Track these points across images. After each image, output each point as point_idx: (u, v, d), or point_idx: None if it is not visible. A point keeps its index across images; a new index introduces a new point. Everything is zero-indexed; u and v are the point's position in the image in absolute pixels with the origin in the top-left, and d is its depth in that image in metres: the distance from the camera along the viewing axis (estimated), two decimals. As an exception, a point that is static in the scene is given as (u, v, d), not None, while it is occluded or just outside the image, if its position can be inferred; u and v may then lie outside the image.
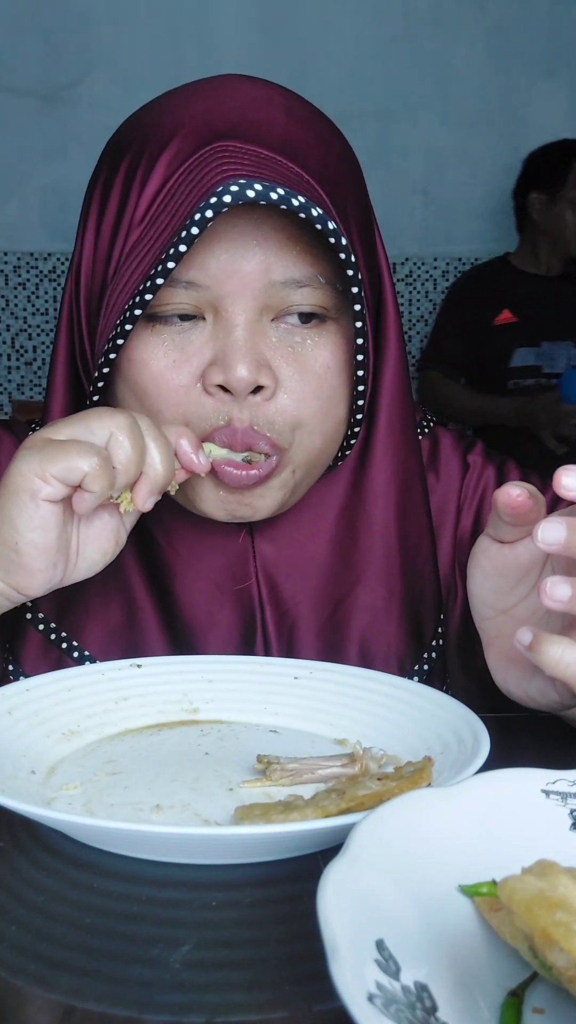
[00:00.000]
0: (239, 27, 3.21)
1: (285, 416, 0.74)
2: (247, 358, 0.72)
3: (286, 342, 0.74)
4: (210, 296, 0.72)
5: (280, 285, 0.72)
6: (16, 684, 0.72)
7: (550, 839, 0.49)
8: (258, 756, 0.66)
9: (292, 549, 0.85)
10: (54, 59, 3.17)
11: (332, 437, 0.79)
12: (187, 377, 0.74)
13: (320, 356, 0.75)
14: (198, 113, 0.75)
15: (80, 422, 0.68)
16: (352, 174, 0.79)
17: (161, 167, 0.73)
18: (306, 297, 0.73)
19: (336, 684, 0.76)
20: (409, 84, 3.27)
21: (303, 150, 0.74)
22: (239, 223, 0.71)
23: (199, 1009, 0.43)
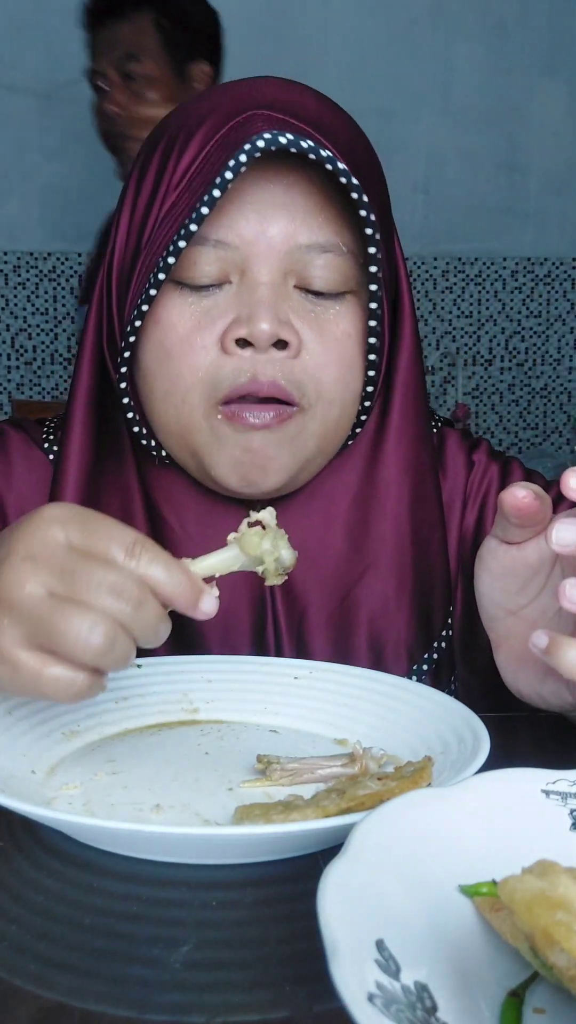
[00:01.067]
0: (239, 25, 3.20)
1: (308, 375, 0.76)
2: (269, 312, 0.73)
3: (308, 308, 0.76)
4: (237, 257, 0.74)
5: (305, 249, 0.75)
6: (16, 684, 0.72)
7: (550, 839, 0.49)
8: (258, 756, 0.66)
9: (304, 535, 0.85)
10: (54, 58, 3.16)
11: (347, 410, 0.80)
12: (211, 338, 0.75)
13: (341, 323, 0.77)
14: (234, 95, 0.77)
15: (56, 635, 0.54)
16: (376, 165, 0.82)
17: (199, 136, 0.75)
18: (328, 264, 0.75)
19: (336, 684, 0.76)
20: (410, 82, 3.27)
21: (333, 130, 0.76)
22: (269, 187, 0.74)
23: (199, 1009, 0.43)
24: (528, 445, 3.47)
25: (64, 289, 3.25)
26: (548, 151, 3.35)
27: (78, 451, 0.83)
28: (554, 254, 3.40)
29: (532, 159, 3.35)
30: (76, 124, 3.21)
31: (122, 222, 0.80)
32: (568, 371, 3.45)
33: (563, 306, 3.42)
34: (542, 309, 3.41)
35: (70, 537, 0.56)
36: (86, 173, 3.21)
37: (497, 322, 3.40)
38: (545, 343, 3.43)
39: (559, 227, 3.39)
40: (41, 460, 0.88)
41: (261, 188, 0.74)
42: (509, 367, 3.43)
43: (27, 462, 0.88)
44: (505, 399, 3.44)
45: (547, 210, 3.38)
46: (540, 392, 3.45)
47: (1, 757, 0.63)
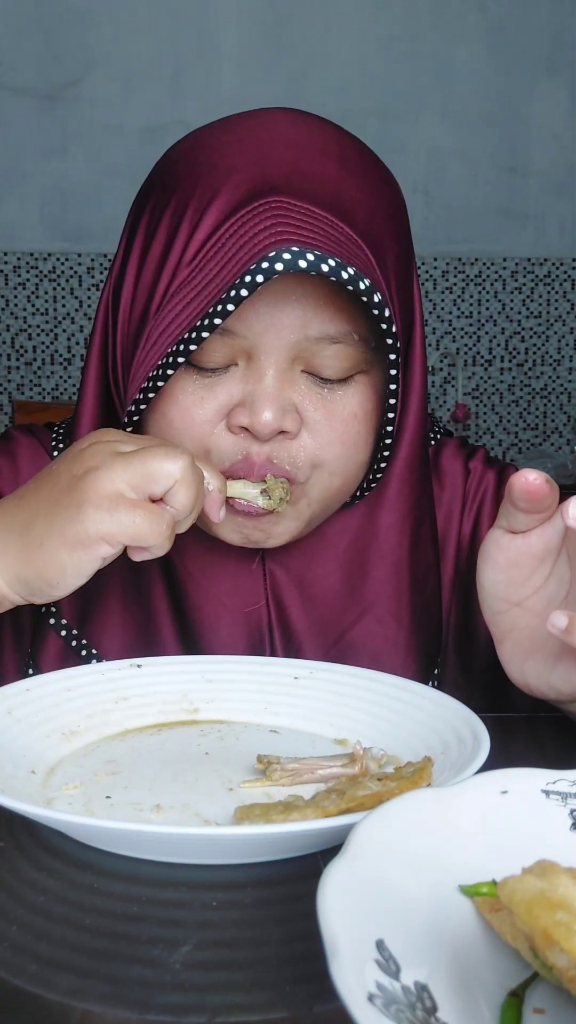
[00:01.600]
0: (239, 26, 3.21)
1: (306, 454, 0.76)
2: (274, 404, 0.73)
3: (315, 390, 0.76)
4: (245, 345, 0.74)
5: (315, 339, 0.74)
6: (16, 684, 0.72)
7: (550, 839, 0.49)
8: (258, 756, 0.66)
9: (303, 576, 0.86)
10: (54, 58, 3.17)
11: (351, 479, 0.80)
12: (213, 413, 0.75)
13: (348, 405, 0.77)
14: (251, 159, 0.75)
15: (142, 466, 0.66)
16: (397, 225, 0.79)
17: (213, 212, 0.73)
18: (338, 353, 0.75)
19: (336, 684, 0.76)
20: (410, 83, 3.27)
21: (352, 208, 0.75)
22: (282, 278, 0.71)
23: (199, 1009, 0.43)
24: (528, 445, 3.47)
25: (64, 289, 3.25)
26: (548, 152, 3.36)
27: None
28: (554, 254, 3.40)
29: (532, 160, 3.35)
30: (76, 124, 3.22)
31: (129, 273, 0.79)
32: (568, 371, 3.45)
33: (563, 306, 3.42)
34: (542, 309, 3.41)
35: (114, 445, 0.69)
36: (86, 173, 3.21)
37: (497, 322, 3.40)
38: (545, 343, 3.43)
39: (559, 228, 3.39)
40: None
41: (273, 279, 0.71)
42: (509, 367, 3.43)
43: (35, 468, 0.88)
44: (505, 399, 3.44)
45: (547, 211, 3.38)
46: (540, 392, 3.45)
47: (1, 757, 0.63)
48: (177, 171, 0.78)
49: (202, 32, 3.19)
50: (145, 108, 3.18)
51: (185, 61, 3.19)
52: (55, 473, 0.69)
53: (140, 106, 3.18)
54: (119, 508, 0.65)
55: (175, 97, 3.17)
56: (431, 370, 3.36)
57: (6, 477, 0.89)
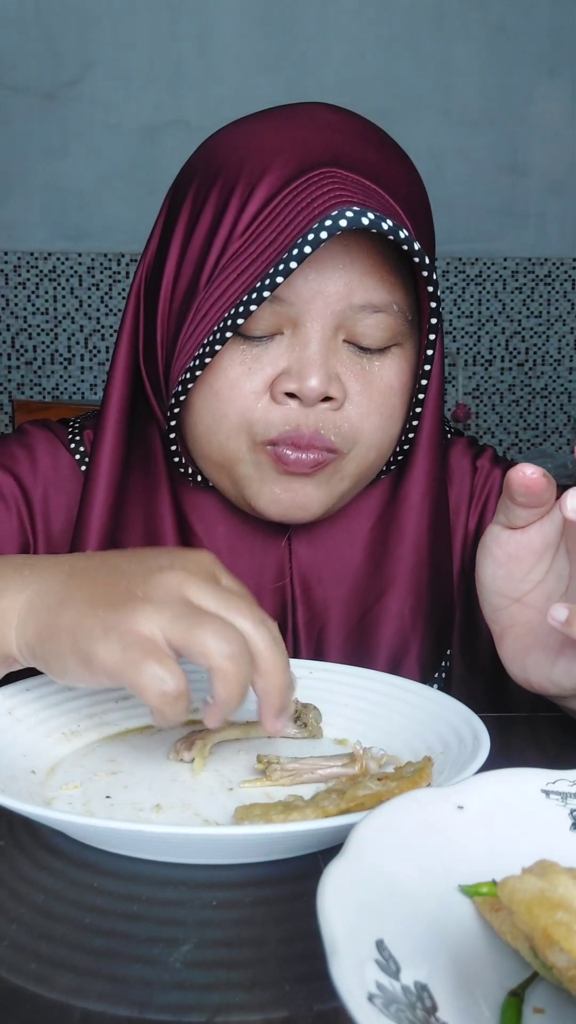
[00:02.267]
0: (240, 25, 3.21)
1: (350, 424, 0.78)
2: (321, 370, 0.75)
3: (355, 360, 0.78)
4: (292, 312, 0.76)
5: (358, 308, 0.76)
6: (16, 684, 0.72)
7: (550, 839, 0.49)
8: (258, 756, 0.66)
9: (327, 554, 0.87)
10: (55, 57, 3.17)
11: (383, 452, 0.82)
12: (259, 384, 0.77)
13: (386, 376, 0.79)
14: (296, 140, 0.77)
15: (187, 629, 0.56)
16: (426, 211, 0.83)
17: (264, 186, 0.75)
18: (379, 323, 0.77)
19: (336, 684, 0.76)
20: (410, 83, 3.27)
21: (394, 184, 0.78)
22: (330, 246, 0.74)
23: (199, 1009, 0.43)
24: (528, 445, 3.47)
25: (64, 289, 3.25)
26: (548, 152, 3.36)
27: (108, 465, 0.85)
28: (554, 254, 3.40)
29: (532, 160, 3.36)
30: (76, 124, 3.22)
31: (172, 251, 0.80)
32: (568, 371, 3.45)
33: (563, 306, 3.42)
34: (542, 309, 3.42)
35: (205, 586, 0.59)
36: (86, 173, 3.21)
37: (497, 322, 3.40)
38: (545, 343, 3.43)
39: (559, 227, 3.39)
40: (67, 459, 0.90)
41: (322, 247, 0.74)
42: (509, 367, 3.43)
43: (53, 459, 0.90)
44: (505, 399, 3.44)
45: (547, 211, 3.39)
46: (540, 392, 3.45)
47: (1, 757, 0.63)
48: (220, 155, 0.80)
49: (202, 32, 3.19)
50: (145, 108, 3.18)
51: (185, 61, 3.20)
52: (120, 562, 0.62)
53: (140, 106, 3.18)
54: (133, 648, 0.56)
55: (175, 97, 3.17)
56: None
57: (24, 465, 0.89)
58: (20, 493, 0.88)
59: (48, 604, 0.61)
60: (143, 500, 0.86)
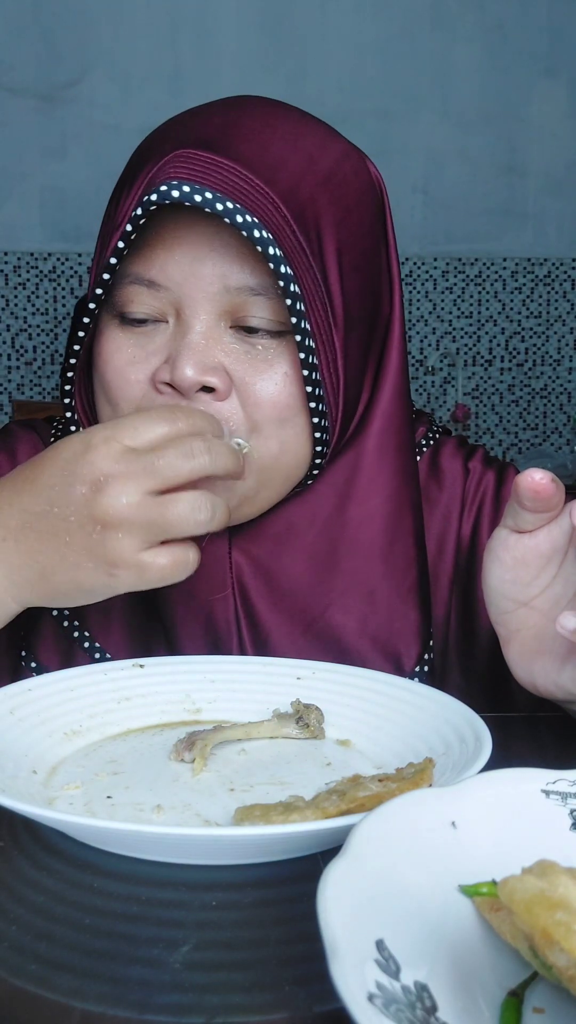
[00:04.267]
0: (238, 26, 3.21)
1: (237, 417, 0.75)
2: (194, 358, 0.73)
3: (244, 348, 0.75)
4: (172, 298, 0.75)
5: (236, 291, 0.74)
6: (18, 684, 0.72)
7: (550, 839, 0.49)
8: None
9: (267, 563, 0.84)
10: (53, 59, 3.17)
11: (291, 447, 0.78)
12: (144, 374, 0.76)
13: (279, 364, 0.76)
14: (184, 127, 0.77)
15: (159, 523, 0.65)
16: (341, 193, 0.78)
17: (141, 175, 0.76)
18: (263, 306, 0.74)
19: (338, 684, 0.76)
20: (408, 83, 3.27)
21: (275, 163, 0.74)
22: (199, 228, 0.73)
23: (199, 1010, 0.43)
24: (528, 445, 3.47)
25: (64, 289, 3.25)
26: (547, 152, 3.36)
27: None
28: (554, 254, 3.40)
29: (531, 160, 3.36)
30: (75, 123, 3.22)
31: (94, 258, 0.83)
32: (568, 371, 3.45)
33: (563, 306, 3.42)
34: (542, 309, 3.42)
35: (125, 443, 0.66)
36: (85, 173, 3.21)
37: (497, 322, 3.41)
38: (545, 343, 3.43)
39: (558, 228, 3.40)
40: None
41: (192, 229, 0.74)
42: (509, 367, 3.43)
43: None
44: (505, 399, 3.45)
45: (546, 211, 3.39)
46: (540, 392, 3.45)
47: (2, 757, 0.63)
48: (135, 151, 0.81)
49: (201, 32, 3.20)
50: (144, 108, 3.18)
51: (184, 61, 3.20)
52: (52, 497, 0.67)
53: (139, 106, 3.18)
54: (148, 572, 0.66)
55: (174, 97, 3.17)
56: (431, 370, 3.36)
57: (4, 468, 0.89)
58: None
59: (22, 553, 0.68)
60: None
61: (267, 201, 0.72)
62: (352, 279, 0.78)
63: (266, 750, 0.69)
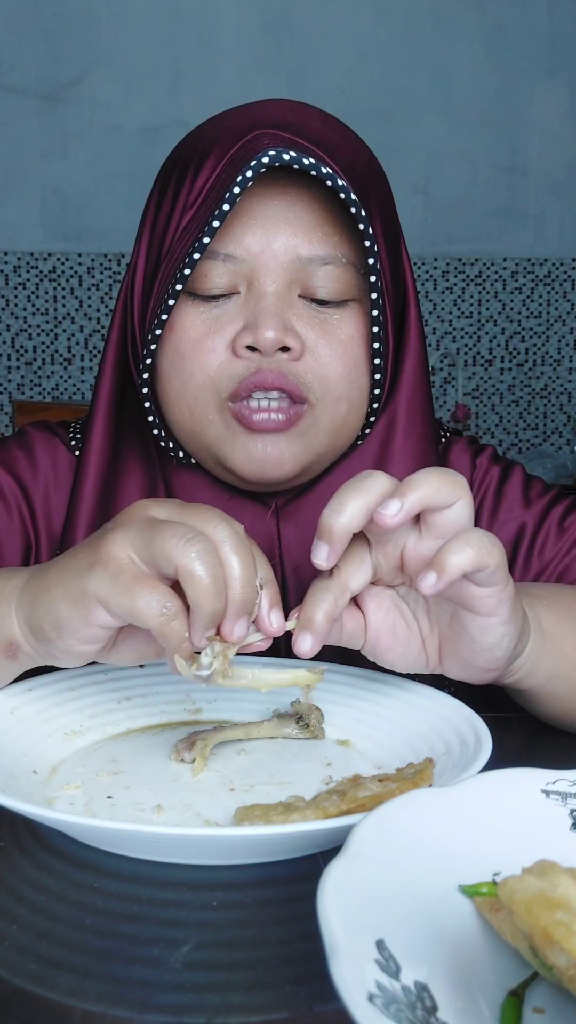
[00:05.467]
0: (239, 26, 3.21)
1: (313, 373, 0.80)
2: (274, 320, 0.77)
3: (312, 313, 0.80)
4: (245, 269, 0.79)
5: (307, 261, 0.79)
6: (19, 684, 0.72)
7: (550, 839, 0.49)
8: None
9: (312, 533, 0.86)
10: (54, 58, 3.17)
11: (355, 406, 0.83)
12: (220, 343, 0.80)
13: (345, 327, 0.81)
14: (243, 117, 0.82)
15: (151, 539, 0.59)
16: (377, 181, 0.85)
17: (212, 157, 0.80)
18: (329, 275, 0.79)
19: (339, 685, 0.76)
20: (409, 84, 3.27)
21: (334, 148, 0.81)
22: (274, 203, 0.79)
23: (199, 1010, 0.43)
24: (528, 446, 3.47)
25: (64, 289, 3.25)
26: (547, 152, 3.36)
27: (98, 452, 0.88)
28: (554, 255, 3.40)
29: (531, 160, 3.36)
30: (76, 124, 3.22)
31: (143, 239, 0.85)
32: (568, 371, 3.45)
33: (563, 307, 3.42)
34: (542, 310, 3.42)
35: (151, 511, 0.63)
36: (86, 173, 3.21)
37: (497, 323, 3.40)
38: (545, 344, 3.43)
39: (558, 228, 3.39)
40: (67, 458, 0.92)
41: (266, 204, 0.79)
42: (509, 367, 3.43)
43: (52, 459, 0.92)
44: (505, 399, 3.44)
45: (547, 211, 3.38)
46: (540, 392, 3.45)
47: (3, 757, 0.63)
48: (177, 149, 0.86)
49: (202, 32, 3.19)
50: (145, 108, 3.18)
51: (185, 61, 3.19)
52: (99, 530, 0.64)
53: (140, 106, 3.18)
54: (122, 574, 0.59)
55: (175, 97, 3.17)
56: (431, 370, 3.36)
57: (25, 469, 0.91)
58: (21, 493, 0.90)
59: (37, 579, 0.65)
60: (140, 485, 0.89)
61: (339, 175, 0.78)
62: (390, 255, 0.84)
63: (266, 750, 0.69)
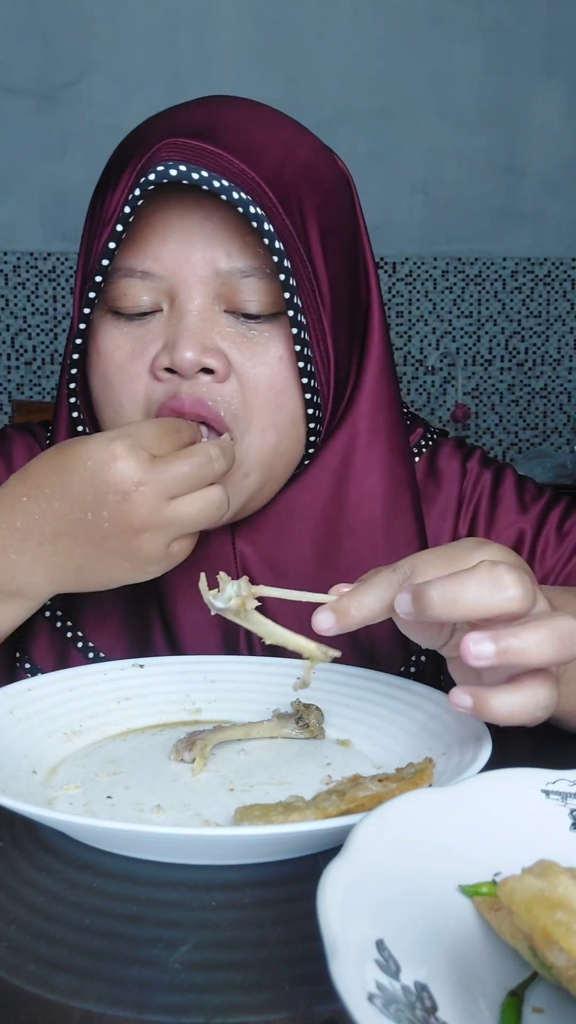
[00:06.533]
0: (237, 27, 3.21)
1: (236, 400, 0.76)
2: (192, 340, 0.74)
3: (239, 331, 0.76)
4: (165, 286, 0.76)
5: (227, 274, 0.75)
6: (18, 684, 0.72)
7: (550, 839, 0.49)
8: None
9: (272, 551, 0.85)
10: (52, 59, 3.17)
11: (286, 432, 0.79)
12: (144, 366, 0.77)
13: (272, 347, 0.77)
14: (166, 123, 0.78)
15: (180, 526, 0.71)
16: (318, 181, 0.79)
17: (127, 169, 0.77)
18: (253, 288, 0.75)
19: (338, 685, 0.76)
20: (407, 84, 3.27)
21: (258, 151, 0.76)
22: (190, 216, 0.75)
23: (199, 1010, 0.43)
24: (528, 445, 3.47)
25: (64, 289, 3.25)
26: (546, 152, 3.36)
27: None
28: (553, 254, 3.40)
29: (530, 160, 3.36)
30: (74, 124, 3.22)
31: (80, 254, 0.83)
32: (568, 371, 3.45)
33: (563, 306, 3.42)
34: (542, 309, 3.42)
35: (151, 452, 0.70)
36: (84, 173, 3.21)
37: (497, 322, 3.41)
38: (545, 343, 3.43)
39: (557, 228, 3.40)
40: None
41: (183, 217, 0.75)
42: (509, 367, 3.43)
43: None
44: (505, 399, 3.45)
45: (545, 211, 3.39)
46: (540, 392, 3.45)
47: (3, 757, 0.63)
48: (112, 155, 0.82)
49: (200, 33, 3.19)
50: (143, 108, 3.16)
51: (183, 61, 3.20)
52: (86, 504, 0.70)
53: (138, 107, 3.17)
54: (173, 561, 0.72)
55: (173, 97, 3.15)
56: (431, 370, 3.36)
57: (2, 476, 0.89)
58: None
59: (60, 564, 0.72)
60: None
61: (254, 184, 0.74)
62: (335, 262, 0.80)
63: (266, 750, 0.69)
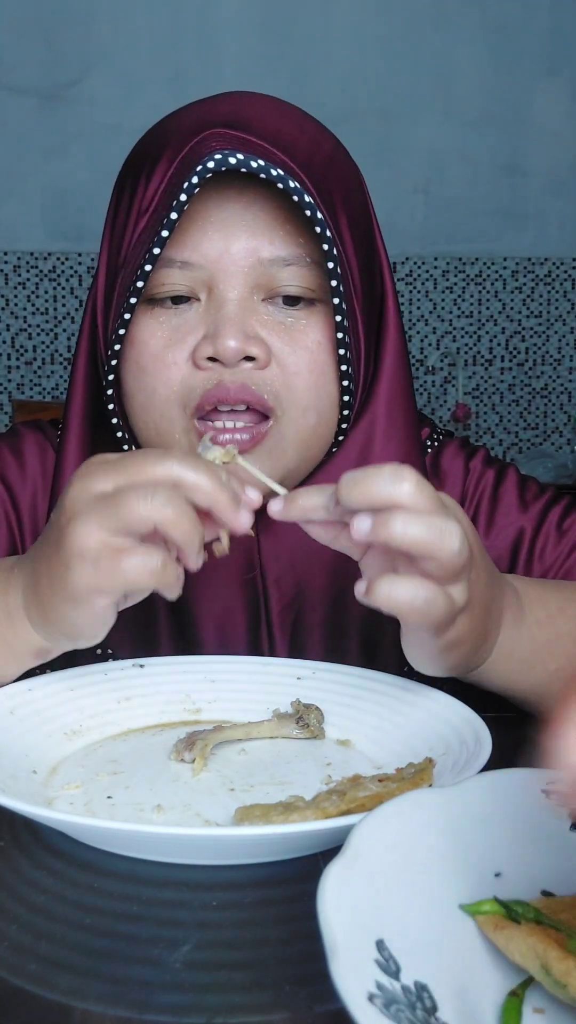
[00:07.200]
0: (240, 25, 3.21)
1: (280, 382, 0.77)
2: (235, 329, 0.75)
3: (278, 319, 0.78)
4: (204, 276, 0.76)
5: (268, 263, 0.76)
6: (18, 684, 0.72)
7: (550, 839, 0.49)
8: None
9: (294, 542, 0.85)
10: (54, 58, 3.16)
11: (325, 416, 0.80)
12: (181, 355, 0.77)
13: (311, 333, 0.78)
14: (196, 115, 0.79)
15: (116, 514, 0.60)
16: (342, 174, 0.82)
17: (163, 160, 0.77)
18: (293, 276, 0.77)
19: (338, 684, 0.76)
20: (410, 83, 3.27)
21: (290, 143, 0.77)
22: (230, 205, 0.76)
23: (199, 1010, 0.43)
24: (528, 445, 3.47)
25: (64, 289, 3.25)
26: (548, 152, 3.35)
27: (73, 456, 0.86)
28: (554, 254, 3.40)
29: (532, 160, 3.35)
30: (77, 123, 3.22)
31: (104, 246, 0.83)
32: (568, 371, 3.45)
33: (563, 306, 3.42)
34: (542, 309, 3.41)
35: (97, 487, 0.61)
36: (86, 173, 3.21)
37: (497, 322, 3.40)
38: (545, 343, 3.43)
39: (559, 227, 3.39)
40: (54, 460, 0.91)
41: (222, 207, 0.76)
42: (509, 367, 3.43)
43: (41, 461, 0.91)
44: (505, 399, 3.44)
45: (547, 211, 3.38)
46: (540, 392, 3.45)
47: (3, 757, 0.63)
48: (134, 150, 0.83)
49: (202, 32, 3.19)
50: (145, 108, 3.16)
51: (185, 61, 3.19)
52: (51, 522, 0.65)
53: (140, 106, 3.18)
54: (101, 560, 0.59)
55: (175, 97, 3.14)
56: (431, 370, 3.36)
57: (13, 472, 0.91)
58: (8, 497, 0.89)
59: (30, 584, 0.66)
60: None
61: (296, 174, 0.75)
62: (360, 252, 0.81)
63: (266, 750, 0.69)
